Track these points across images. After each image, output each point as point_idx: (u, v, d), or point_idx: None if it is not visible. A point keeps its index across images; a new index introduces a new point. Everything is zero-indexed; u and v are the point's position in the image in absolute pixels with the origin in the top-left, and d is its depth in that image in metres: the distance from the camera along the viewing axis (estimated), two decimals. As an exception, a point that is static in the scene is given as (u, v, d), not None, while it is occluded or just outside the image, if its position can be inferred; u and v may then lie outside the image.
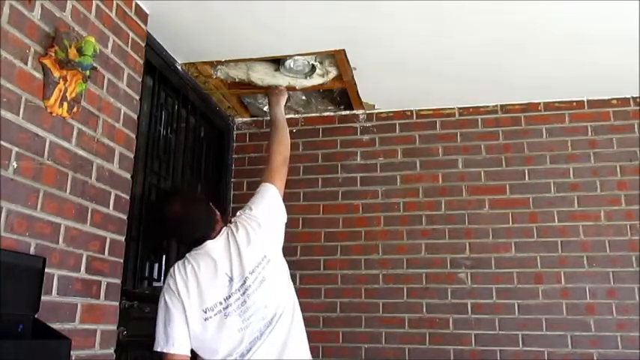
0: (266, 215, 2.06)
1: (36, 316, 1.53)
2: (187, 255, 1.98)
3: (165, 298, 1.89)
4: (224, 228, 2.03)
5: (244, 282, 1.89)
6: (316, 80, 2.87)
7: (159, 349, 1.83)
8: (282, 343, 1.87)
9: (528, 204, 2.99)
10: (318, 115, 3.34)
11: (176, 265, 1.95)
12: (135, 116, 2.16)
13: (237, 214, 2.10)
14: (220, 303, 1.86)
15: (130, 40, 2.15)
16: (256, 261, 1.93)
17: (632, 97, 3.02)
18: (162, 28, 2.44)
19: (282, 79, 2.87)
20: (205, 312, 1.85)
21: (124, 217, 2.06)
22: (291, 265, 3.14)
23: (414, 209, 3.10)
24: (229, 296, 1.87)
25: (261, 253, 1.95)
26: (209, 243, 1.96)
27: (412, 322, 2.95)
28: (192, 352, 1.90)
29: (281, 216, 2.13)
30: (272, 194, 2.14)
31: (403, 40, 2.51)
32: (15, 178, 1.55)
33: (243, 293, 1.87)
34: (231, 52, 2.69)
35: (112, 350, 1.94)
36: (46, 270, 1.59)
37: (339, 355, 2.96)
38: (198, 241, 1.97)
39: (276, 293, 1.94)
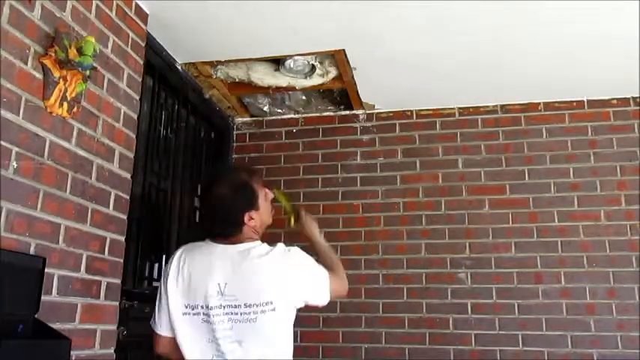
0: (299, 285, 1.75)
1: (36, 316, 1.53)
2: (201, 242, 1.80)
3: (161, 279, 1.78)
4: (257, 241, 1.76)
5: (234, 306, 1.67)
6: (316, 80, 2.87)
7: (151, 325, 1.76)
8: None
9: (528, 204, 2.99)
10: (318, 115, 3.34)
11: (180, 251, 1.78)
12: (135, 116, 2.16)
13: (289, 249, 1.79)
14: (202, 307, 1.68)
15: (130, 40, 2.15)
16: (258, 298, 1.67)
17: (632, 97, 3.02)
18: (162, 28, 2.44)
19: (282, 79, 2.88)
20: (185, 307, 1.69)
21: (124, 217, 2.06)
22: (291, 265, 3.14)
23: (414, 209, 3.10)
24: (212, 307, 1.67)
25: (271, 297, 1.67)
26: (227, 246, 1.73)
27: (412, 322, 2.95)
28: None
29: (316, 296, 1.80)
30: (324, 276, 1.81)
31: (403, 39, 2.51)
32: (15, 178, 1.55)
33: (227, 314, 1.67)
34: (231, 52, 2.69)
35: (112, 350, 1.94)
36: (46, 270, 1.59)
37: (339, 355, 2.96)
38: (216, 235, 1.76)
39: (259, 343, 1.68)
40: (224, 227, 1.75)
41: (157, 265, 2.60)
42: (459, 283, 2.95)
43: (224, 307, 1.67)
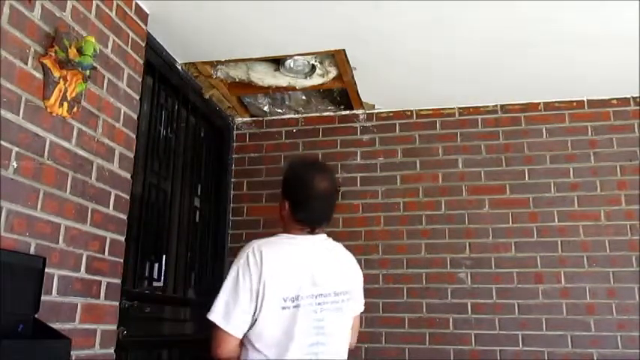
0: (360, 286, 1.95)
1: (36, 316, 1.53)
2: (275, 238, 1.81)
3: (239, 274, 1.67)
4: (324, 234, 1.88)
5: (325, 295, 1.74)
6: (316, 80, 2.87)
7: (215, 321, 1.65)
8: None
9: (528, 204, 2.99)
10: (318, 115, 3.34)
11: (261, 247, 1.73)
12: (135, 116, 2.16)
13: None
14: (299, 298, 1.70)
15: (130, 40, 2.15)
16: (342, 287, 1.80)
17: (632, 97, 3.02)
18: (162, 28, 2.44)
19: (282, 79, 2.88)
20: (285, 301, 1.68)
21: (124, 217, 2.06)
22: (291, 265, 3.13)
23: (414, 209, 3.10)
24: (307, 296, 1.71)
25: (350, 286, 1.84)
26: (308, 237, 1.81)
27: (412, 322, 2.95)
28: None
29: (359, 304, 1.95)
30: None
31: (403, 39, 2.51)
32: (15, 178, 1.55)
33: (320, 304, 1.73)
34: (231, 52, 2.69)
35: (112, 350, 1.94)
36: (46, 270, 1.59)
37: (339, 355, 2.96)
38: (312, 225, 1.81)
39: (343, 332, 1.81)
40: (325, 220, 1.86)
41: (156, 265, 2.60)
42: (459, 283, 2.95)
43: (316, 296, 1.73)
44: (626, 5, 2.20)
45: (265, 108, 3.31)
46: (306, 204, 1.81)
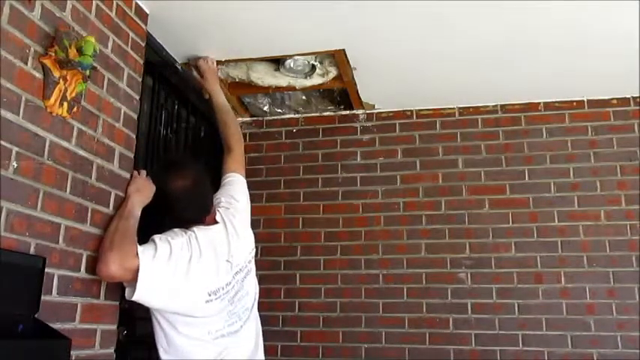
0: (248, 210, 2.19)
1: (36, 316, 1.53)
2: (195, 228, 1.96)
3: (177, 241, 1.86)
4: (217, 214, 2.07)
5: (240, 269, 2.01)
6: (316, 80, 2.87)
7: (142, 255, 1.76)
8: (256, 337, 2.05)
9: (528, 204, 2.99)
10: (318, 115, 3.34)
11: (194, 234, 1.92)
12: (135, 116, 2.16)
13: (222, 200, 2.13)
14: (222, 288, 1.92)
15: (130, 39, 2.15)
16: (249, 250, 2.07)
17: (632, 97, 3.02)
18: (162, 28, 2.44)
19: (282, 79, 2.87)
20: (209, 295, 1.88)
21: (124, 217, 2.06)
22: (291, 265, 3.15)
23: (414, 209, 3.10)
24: (229, 282, 1.94)
25: (252, 243, 2.13)
26: (209, 227, 2.00)
27: (412, 322, 2.95)
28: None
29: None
30: (246, 188, 2.25)
31: (403, 40, 2.51)
32: (15, 178, 1.55)
33: (241, 280, 2.01)
34: (231, 52, 2.69)
35: (112, 350, 1.93)
36: (46, 270, 1.59)
37: (339, 355, 2.96)
38: (195, 221, 2.00)
39: (255, 283, 2.13)
40: (200, 213, 2.01)
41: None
42: (459, 283, 2.95)
43: (235, 274, 1.97)
44: (625, 5, 2.20)
45: (265, 108, 3.31)
46: (177, 207, 1.98)
